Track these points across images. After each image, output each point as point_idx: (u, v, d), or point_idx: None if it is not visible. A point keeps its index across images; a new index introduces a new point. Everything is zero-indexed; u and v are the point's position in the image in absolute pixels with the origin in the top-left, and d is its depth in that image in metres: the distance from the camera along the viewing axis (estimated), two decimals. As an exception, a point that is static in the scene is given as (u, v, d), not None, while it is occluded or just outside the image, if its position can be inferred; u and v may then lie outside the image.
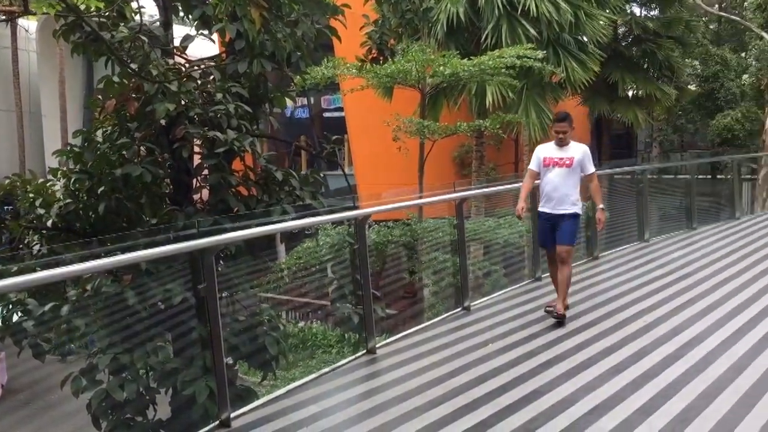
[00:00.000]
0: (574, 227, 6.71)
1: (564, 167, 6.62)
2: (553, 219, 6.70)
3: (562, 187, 6.61)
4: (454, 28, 15.36)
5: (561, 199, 6.62)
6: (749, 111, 21.30)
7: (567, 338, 6.07)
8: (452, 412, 4.52)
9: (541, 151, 6.87)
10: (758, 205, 17.69)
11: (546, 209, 6.77)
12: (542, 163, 6.72)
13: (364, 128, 20.95)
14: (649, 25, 20.04)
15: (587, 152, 6.73)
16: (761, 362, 5.27)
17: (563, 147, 6.70)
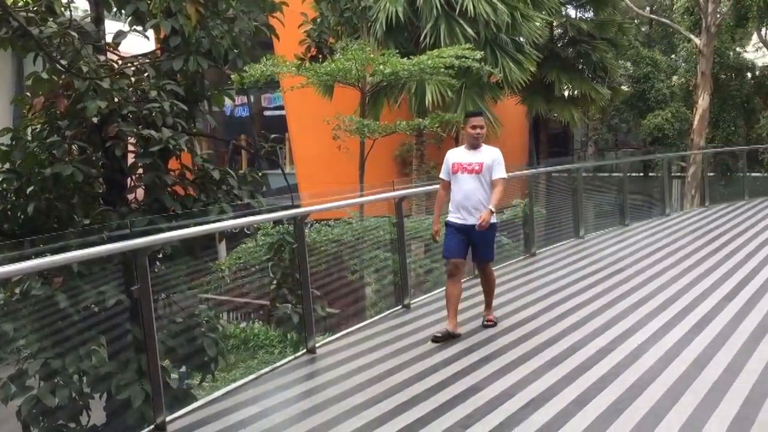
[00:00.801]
0: (491, 238, 6.23)
1: (474, 173, 6.07)
2: (465, 230, 6.10)
3: (474, 195, 6.05)
4: (394, 27, 15.43)
5: (473, 208, 6.04)
6: (678, 111, 22.07)
7: (504, 334, 6.17)
8: (391, 409, 4.54)
9: (450, 156, 6.32)
10: (687, 201, 18.34)
11: (456, 219, 6.14)
12: (451, 170, 6.19)
13: (305, 127, 20.85)
14: (584, 26, 20.55)
15: (499, 157, 6.15)
16: (688, 353, 5.47)
17: (475, 150, 6.17)
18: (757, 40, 24.38)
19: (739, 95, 22.79)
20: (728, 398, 4.53)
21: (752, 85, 23.28)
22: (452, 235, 6.18)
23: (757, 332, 5.91)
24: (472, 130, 6.18)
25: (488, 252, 6.34)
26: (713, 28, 19.41)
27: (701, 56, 19.58)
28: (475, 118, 6.27)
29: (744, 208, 14.40)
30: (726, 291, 7.44)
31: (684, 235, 11.29)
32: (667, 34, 27.51)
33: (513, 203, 11.95)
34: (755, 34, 24.16)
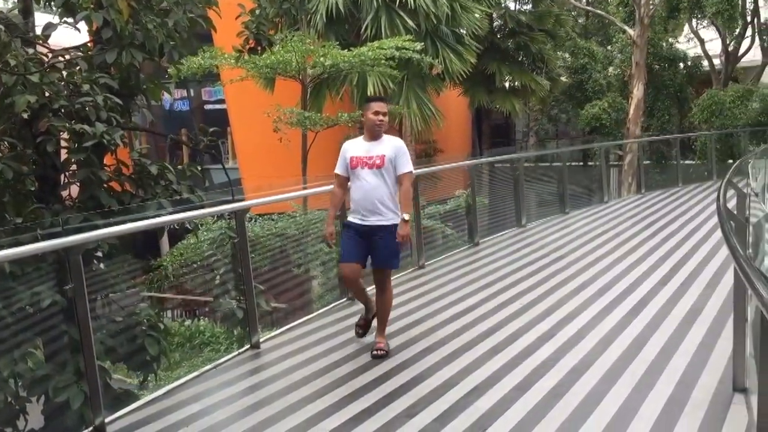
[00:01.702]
0: (394, 243, 5.41)
1: (374, 168, 5.36)
2: (363, 232, 5.41)
3: (374, 192, 5.35)
4: (334, 19, 15.36)
5: (373, 207, 5.36)
6: (615, 101, 22.57)
7: (447, 323, 6.22)
8: (336, 401, 4.54)
9: (347, 149, 5.57)
10: (624, 189, 18.82)
11: (355, 220, 5.47)
12: (349, 165, 5.47)
13: (247, 120, 20.59)
14: (523, 18, 20.84)
15: (402, 148, 5.49)
16: (626, 336, 5.62)
17: (375, 141, 5.45)
18: (688, 31, 25.12)
19: (672, 85, 23.46)
20: (663, 379, 4.67)
21: (684, 75, 23.99)
22: (350, 237, 5.49)
23: (689, 315, 6.11)
24: (374, 116, 5.39)
25: (391, 258, 5.51)
26: (646, 19, 19.91)
27: (635, 47, 20.07)
28: (377, 103, 5.47)
29: (678, 194, 14.87)
30: (661, 275, 7.66)
31: (621, 222, 11.60)
32: (603, 26, 28.10)
33: (456, 194, 12.10)
34: (687, 25, 24.89)
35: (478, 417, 4.21)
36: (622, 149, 20.36)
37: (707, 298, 6.61)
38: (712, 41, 23.85)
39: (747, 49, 23.45)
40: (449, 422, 4.15)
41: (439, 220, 11.90)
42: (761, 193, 9.55)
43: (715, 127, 20.54)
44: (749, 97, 20.99)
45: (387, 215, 5.39)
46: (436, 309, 6.71)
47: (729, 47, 23.60)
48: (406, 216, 5.36)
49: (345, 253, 5.54)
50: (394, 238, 5.37)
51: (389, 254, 5.47)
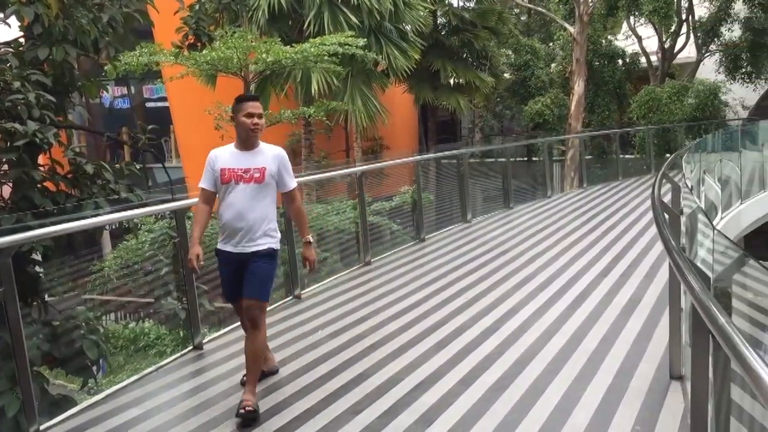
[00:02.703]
0: (269, 270, 4.48)
1: (252, 182, 4.40)
2: (238, 261, 4.45)
3: (251, 212, 4.39)
4: (276, 15, 15.20)
5: (249, 230, 4.41)
6: (557, 97, 23.00)
7: (393, 320, 6.22)
8: (281, 401, 4.48)
9: (216, 158, 4.53)
10: (567, 183, 19.17)
11: (228, 247, 4.49)
12: (220, 178, 4.45)
13: (190, 118, 20.24)
14: (466, 15, 21.01)
15: (286, 159, 4.58)
16: (567, 328, 5.71)
17: (251, 150, 4.48)
18: (626, 29, 25.74)
19: (611, 81, 24.01)
20: (603, 369, 4.76)
21: (623, 72, 24.57)
22: (224, 270, 4.59)
23: (628, 306, 6.25)
24: (247, 119, 4.40)
25: (260, 288, 4.43)
26: (586, 17, 20.33)
27: (576, 44, 20.47)
28: (250, 103, 4.47)
29: (618, 188, 15.23)
30: (602, 267, 7.82)
31: (564, 216, 11.80)
32: (544, 23, 28.58)
33: (402, 190, 12.13)
34: (625, 22, 25.50)
35: (423, 412, 4.21)
36: (564, 145, 20.74)
37: (645, 289, 6.77)
38: (650, 38, 24.50)
39: (682, 46, 24.16)
40: (394, 418, 4.15)
41: (386, 216, 11.91)
42: (696, 186, 9.85)
43: (653, 122, 21.11)
44: (685, 93, 21.63)
45: (263, 240, 4.44)
46: (382, 305, 6.71)
47: (665, 44, 24.28)
48: (309, 238, 4.71)
49: (227, 290, 4.67)
50: (269, 263, 4.47)
51: (262, 282, 4.44)
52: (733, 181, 11.99)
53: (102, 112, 25.43)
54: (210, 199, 4.61)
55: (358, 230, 9.51)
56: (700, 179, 10.25)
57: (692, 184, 9.42)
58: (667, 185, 6.67)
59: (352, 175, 9.87)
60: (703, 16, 23.47)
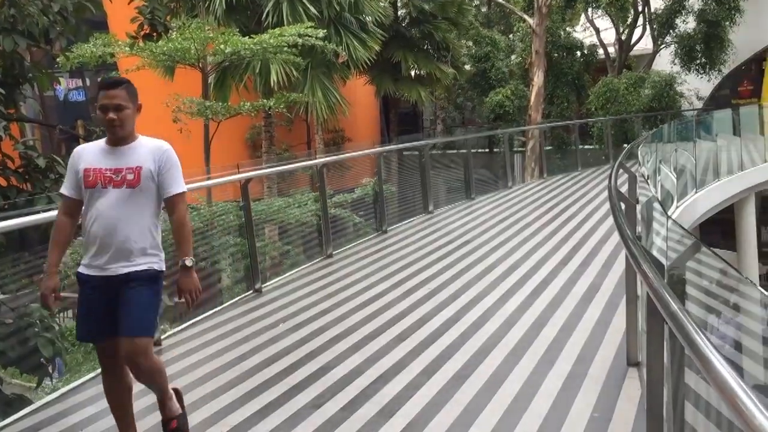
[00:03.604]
0: (150, 298, 3.54)
1: (124, 186, 3.49)
2: (107, 288, 3.49)
3: (123, 224, 3.46)
4: (234, 6, 14.99)
5: (120, 248, 3.47)
6: (517, 88, 23.15)
7: (356, 311, 6.21)
8: (241, 396, 4.44)
9: (79, 156, 3.62)
10: (528, 174, 19.35)
11: (93, 270, 3.52)
12: (83, 181, 3.52)
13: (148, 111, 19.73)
14: (426, 7, 20.99)
15: (170, 156, 3.64)
16: (528, 317, 5.76)
17: (123, 146, 3.57)
18: (585, 21, 26.02)
19: (570, 72, 24.25)
20: (563, 356, 4.81)
21: (582, 63, 24.83)
22: (87, 300, 3.58)
23: (588, 294, 6.34)
24: (102, 113, 3.51)
25: (140, 322, 3.47)
26: (544, 8, 20.49)
27: (535, 36, 20.63)
28: (107, 92, 3.51)
29: (578, 178, 15.44)
30: (562, 256, 7.91)
31: (525, 206, 11.92)
32: (504, 15, 28.73)
33: (363, 182, 12.11)
34: (583, 14, 25.77)
35: (385, 403, 4.21)
36: (525, 136, 20.92)
37: (604, 277, 6.87)
38: (607, 30, 24.81)
39: (639, 37, 24.52)
40: (356, 410, 4.14)
41: (348, 208, 11.88)
42: (652, 175, 10.02)
43: (611, 113, 21.41)
44: (642, 84, 21.98)
45: (140, 260, 3.50)
46: (344, 297, 6.69)
47: (622, 36, 24.61)
48: (187, 261, 3.58)
49: (87, 326, 3.60)
50: (149, 290, 3.53)
51: (142, 312, 3.48)
52: (688, 170, 12.23)
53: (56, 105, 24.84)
54: (74, 209, 3.62)
55: (320, 223, 9.47)
56: (656, 169, 10.43)
57: (648, 173, 9.59)
58: (624, 175, 6.76)
59: (312, 167, 9.81)
60: (659, 9, 23.84)
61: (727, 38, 22.63)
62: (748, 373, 3.26)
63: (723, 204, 13.87)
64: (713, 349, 1.63)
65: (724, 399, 1.48)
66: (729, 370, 1.53)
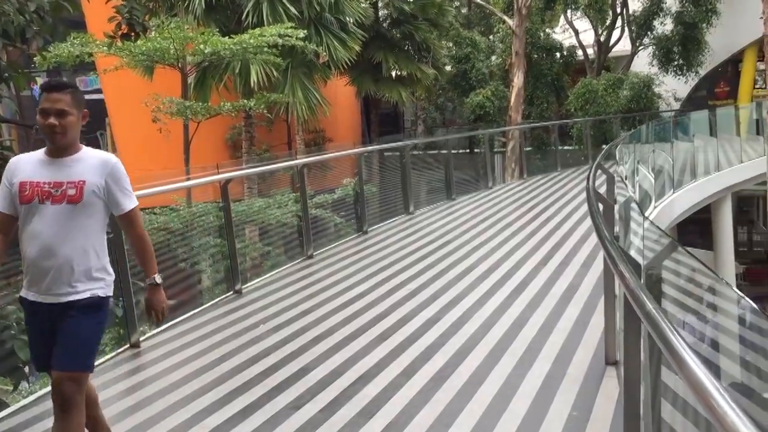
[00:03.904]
0: (92, 328, 3.26)
1: (64, 203, 3.16)
2: (48, 314, 3.21)
3: (64, 244, 3.15)
4: (214, 5, 14.90)
5: (60, 271, 3.17)
6: (498, 89, 23.24)
7: (337, 312, 6.20)
8: (221, 397, 4.42)
9: (15, 167, 3.29)
10: (508, 174, 19.43)
11: (32, 294, 3.25)
12: (18, 196, 3.20)
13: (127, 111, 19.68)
14: (406, 8, 21.01)
15: (115, 169, 3.30)
16: (507, 317, 5.79)
17: (64, 157, 3.23)
18: (564, 22, 26.20)
19: (550, 74, 24.38)
20: (542, 357, 4.84)
21: (561, 64, 24.97)
22: (30, 326, 3.36)
23: (567, 294, 6.38)
24: (42, 118, 3.17)
25: (77, 355, 3.18)
26: (524, 9, 20.60)
27: (515, 37, 20.74)
28: (49, 95, 3.18)
29: (557, 178, 15.54)
30: (541, 256, 7.96)
31: (505, 207, 11.98)
32: (485, 16, 28.84)
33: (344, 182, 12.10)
34: (562, 16, 25.95)
35: (365, 404, 4.21)
36: (505, 136, 21.00)
37: (583, 277, 6.92)
38: (586, 32, 24.99)
39: (617, 39, 24.72)
40: (336, 411, 4.13)
41: (329, 209, 11.87)
42: (630, 176, 10.11)
43: (590, 114, 21.57)
44: (620, 85, 22.16)
45: (83, 285, 3.20)
46: (325, 298, 6.68)
47: (601, 38, 24.81)
48: (157, 278, 3.47)
49: (35, 353, 3.39)
50: (93, 318, 3.23)
51: (80, 344, 3.18)
52: (666, 170, 12.35)
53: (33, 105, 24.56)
54: (7, 225, 3.28)
55: (301, 223, 9.45)
56: (634, 169, 10.52)
57: (627, 174, 9.67)
58: (603, 176, 6.82)
59: (293, 167, 9.78)
60: (637, 10, 24.06)
61: (704, 40, 22.89)
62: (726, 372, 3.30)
63: (700, 204, 14.04)
64: (688, 348, 1.65)
65: (697, 398, 1.50)
66: (703, 369, 1.55)
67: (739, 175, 15.52)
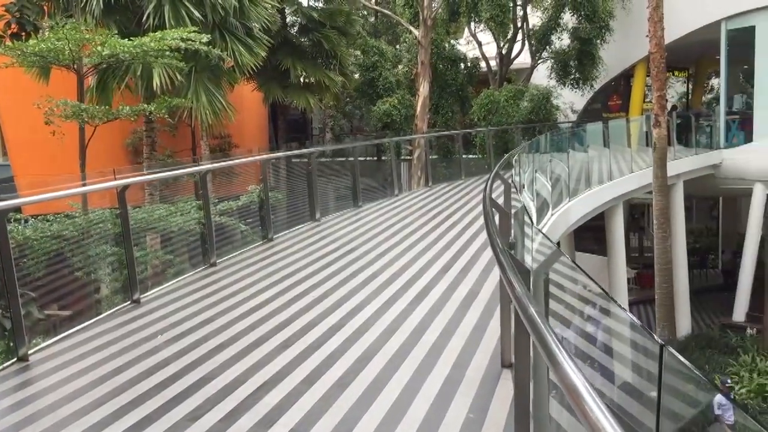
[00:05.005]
0: None
1: None
2: None
3: None
4: (113, 6, 14.41)
5: None
6: (404, 98, 23.58)
7: (239, 320, 6.13)
8: (115, 411, 4.28)
9: None
10: (414, 182, 19.74)
11: None
12: None
13: (20, 112, 18.73)
14: (315, 15, 21.04)
15: None
16: (410, 323, 5.89)
17: None
18: (468, 34, 26.88)
19: (454, 84, 24.98)
20: (442, 361, 4.95)
21: (465, 75, 25.64)
22: None
23: (467, 299, 6.55)
24: None
25: None
26: (429, 21, 21.03)
27: (420, 47, 21.13)
28: None
29: (461, 186, 15.91)
30: (444, 263, 8.13)
31: (410, 214, 12.16)
32: (391, 26, 29.21)
33: (249, 189, 11.96)
34: (467, 28, 26.62)
35: (265, 413, 4.19)
36: (411, 144, 21.32)
37: (483, 283, 7.12)
38: (489, 44, 25.73)
39: (518, 52, 25.58)
40: (236, 420, 4.09)
41: (235, 216, 11.70)
42: (529, 185, 10.49)
43: (493, 123, 22.21)
44: (521, 96, 22.94)
45: None
46: (227, 307, 6.59)
47: (503, 50, 25.60)
48: None
49: None
50: None
51: None
52: (562, 179, 12.87)
53: None
54: None
55: (204, 231, 9.28)
56: (533, 178, 10.92)
57: (526, 182, 10.03)
58: (502, 185, 7.05)
59: (196, 174, 9.60)
60: (536, 25, 24.99)
61: (598, 55, 24.03)
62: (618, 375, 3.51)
63: (594, 211, 14.73)
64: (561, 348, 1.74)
65: (571, 400, 1.58)
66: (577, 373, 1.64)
67: (630, 184, 16.39)
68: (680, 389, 2.31)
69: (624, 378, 3.97)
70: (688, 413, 2.38)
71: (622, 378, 4.01)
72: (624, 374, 3.98)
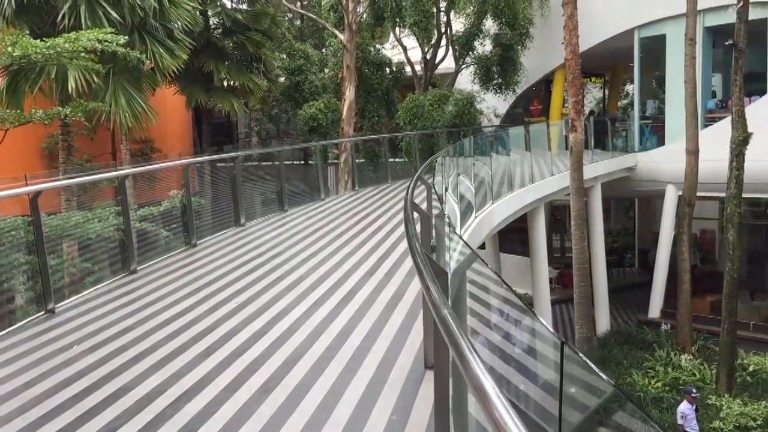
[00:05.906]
0: None
1: None
2: None
3: None
4: (26, 6, 13.84)
5: None
6: (330, 102, 23.56)
7: (160, 329, 5.99)
8: (25, 426, 4.11)
9: None
10: (341, 186, 19.75)
11: None
12: None
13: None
14: (239, 17, 20.77)
15: None
16: (335, 326, 5.89)
17: None
18: (393, 39, 27.11)
19: (380, 88, 25.13)
20: (366, 364, 4.97)
21: (391, 79, 25.84)
22: None
23: (392, 301, 6.59)
24: None
25: None
26: (354, 25, 21.10)
27: (346, 51, 21.16)
28: None
29: (387, 190, 16.02)
30: (369, 266, 8.16)
31: (336, 218, 12.16)
32: (317, 29, 29.15)
33: (170, 194, 11.71)
34: (392, 33, 26.84)
35: (186, 422, 4.10)
36: (338, 148, 21.32)
37: (408, 285, 7.18)
38: (414, 49, 26.01)
39: (442, 57, 25.96)
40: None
41: (158, 221, 11.42)
42: (453, 188, 10.65)
43: (418, 127, 22.45)
44: (445, 101, 23.27)
45: None
46: (147, 315, 6.44)
47: (427, 55, 25.93)
48: None
49: None
50: None
51: None
52: (486, 182, 13.12)
53: None
54: None
55: (123, 237, 9.03)
56: (456, 182, 11.09)
57: (450, 186, 10.18)
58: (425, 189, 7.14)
59: (114, 179, 9.33)
60: (459, 31, 25.42)
61: (519, 61, 24.64)
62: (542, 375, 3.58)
63: (517, 213, 15.07)
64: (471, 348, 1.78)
65: (478, 400, 1.60)
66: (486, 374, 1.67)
67: (550, 186, 16.85)
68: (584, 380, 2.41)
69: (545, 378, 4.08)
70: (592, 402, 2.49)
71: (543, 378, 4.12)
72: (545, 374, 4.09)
